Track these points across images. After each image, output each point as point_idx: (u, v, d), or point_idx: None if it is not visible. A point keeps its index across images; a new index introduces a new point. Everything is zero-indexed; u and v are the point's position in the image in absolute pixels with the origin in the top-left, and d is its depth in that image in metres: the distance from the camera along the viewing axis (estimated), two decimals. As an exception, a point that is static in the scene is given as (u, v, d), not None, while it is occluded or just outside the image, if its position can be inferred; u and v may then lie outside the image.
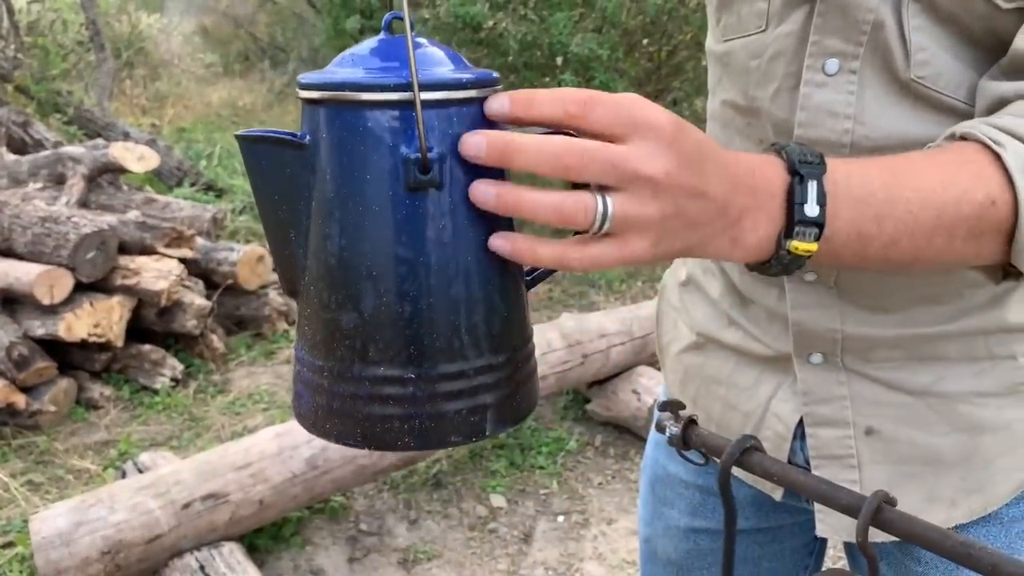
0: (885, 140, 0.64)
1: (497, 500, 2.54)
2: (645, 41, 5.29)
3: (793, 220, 0.50)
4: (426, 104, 0.48)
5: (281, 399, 3.13)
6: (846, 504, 0.61)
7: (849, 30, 0.63)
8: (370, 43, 0.53)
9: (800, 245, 0.51)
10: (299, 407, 0.55)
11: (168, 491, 1.99)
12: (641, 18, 4.96)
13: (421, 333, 0.50)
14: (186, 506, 1.98)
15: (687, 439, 0.72)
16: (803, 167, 0.50)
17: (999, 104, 0.59)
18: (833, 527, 0.78)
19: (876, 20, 0.62)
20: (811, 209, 0.50)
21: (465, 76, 0.50)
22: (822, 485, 0.63)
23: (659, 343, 0.94)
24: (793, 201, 0.50)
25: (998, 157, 0.53)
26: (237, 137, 0.51)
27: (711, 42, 0.78)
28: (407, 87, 0.48)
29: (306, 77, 0.51)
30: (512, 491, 2.59)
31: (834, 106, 0.65)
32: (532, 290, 0.60)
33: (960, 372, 0.71)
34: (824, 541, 0.93)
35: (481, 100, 0.51)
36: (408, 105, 0.48)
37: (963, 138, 0.56)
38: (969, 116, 0.62)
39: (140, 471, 2.24)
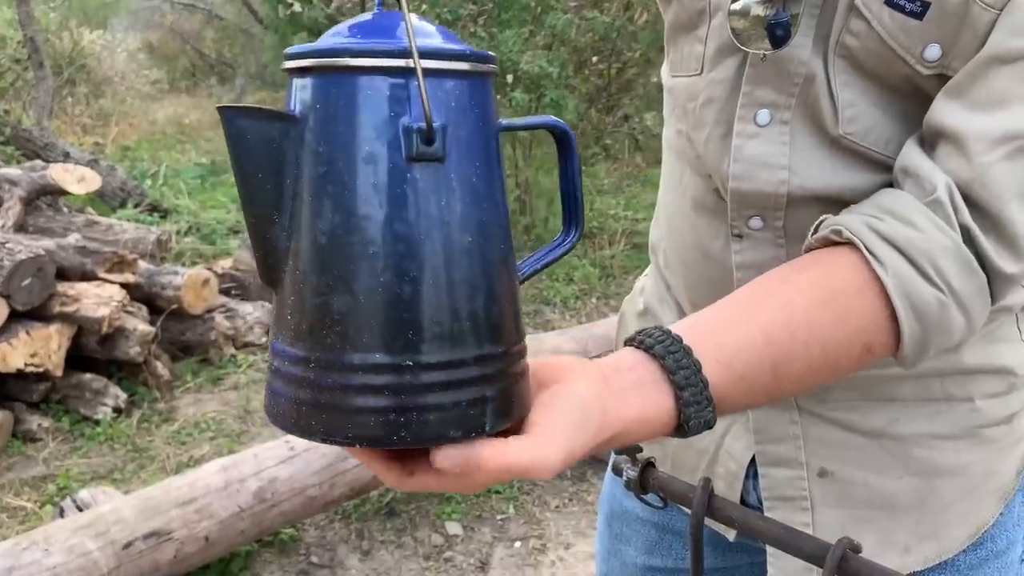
0: (823, 190, 0.63)
1: (453, 527, 2.49)
2: (595, 59, 5.32)
3: (686, 429, 0.54)
4: (427, 73, 0.46)
5: (229, 427, 3.04)
6: (809, 552, 0.59)
7: (781, 81, 0.62)
8: (363, 16, 0.50)
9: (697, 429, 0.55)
10: (276, 407, 0.50)
11: (108, 530, 1.91)
12: (591, 35, 4.98)
13: (420, 317, 0.47)
14: (127, 546, 1.90)
15: (645, 483, 0.69)
16: (690, 413, 0.53)
17: (901, 172, 0.59)
18: (784, 571, 0.75)
19: (808, 73, 0.61)
20: (698, 429, 0.54)
21: (465, 48, 0.49)
22: (783, 531, 0.61)
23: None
24: (682, 420, 0.54)
25: (878, 278, 0.54)
26: (219, 109, 0.47)
27: (665, 73, 0.76)
28: (407, 53, 0.45)
29: (295, 48, 0.49)
30: (468, 517, 2.54)
31: (768, 157, 0.64)
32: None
33: (915, 414, 0.70)
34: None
35: (478, 75, 0.49)
36: (409, 72, 0.46)
37: (849, 240, 0.56)
38: None
39: (79, 508, 2.14)
